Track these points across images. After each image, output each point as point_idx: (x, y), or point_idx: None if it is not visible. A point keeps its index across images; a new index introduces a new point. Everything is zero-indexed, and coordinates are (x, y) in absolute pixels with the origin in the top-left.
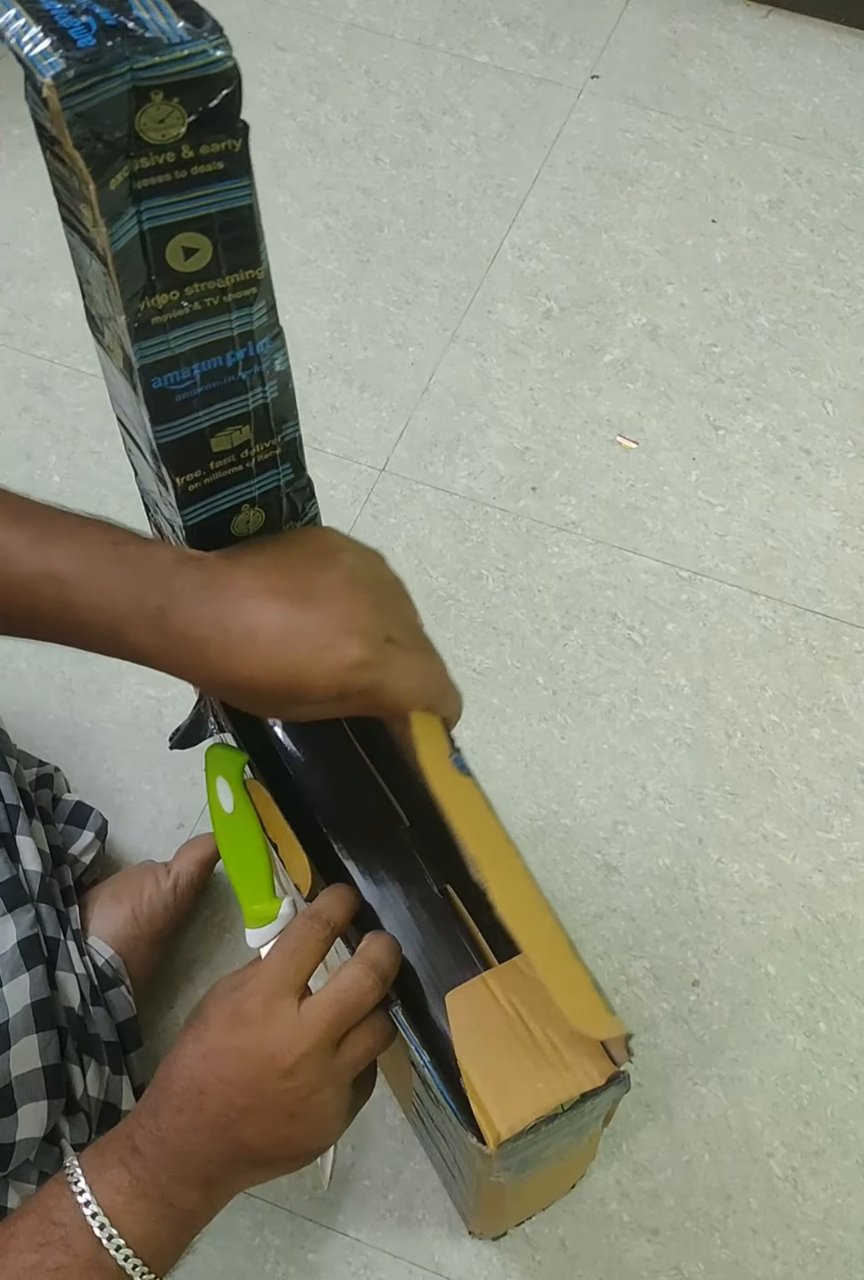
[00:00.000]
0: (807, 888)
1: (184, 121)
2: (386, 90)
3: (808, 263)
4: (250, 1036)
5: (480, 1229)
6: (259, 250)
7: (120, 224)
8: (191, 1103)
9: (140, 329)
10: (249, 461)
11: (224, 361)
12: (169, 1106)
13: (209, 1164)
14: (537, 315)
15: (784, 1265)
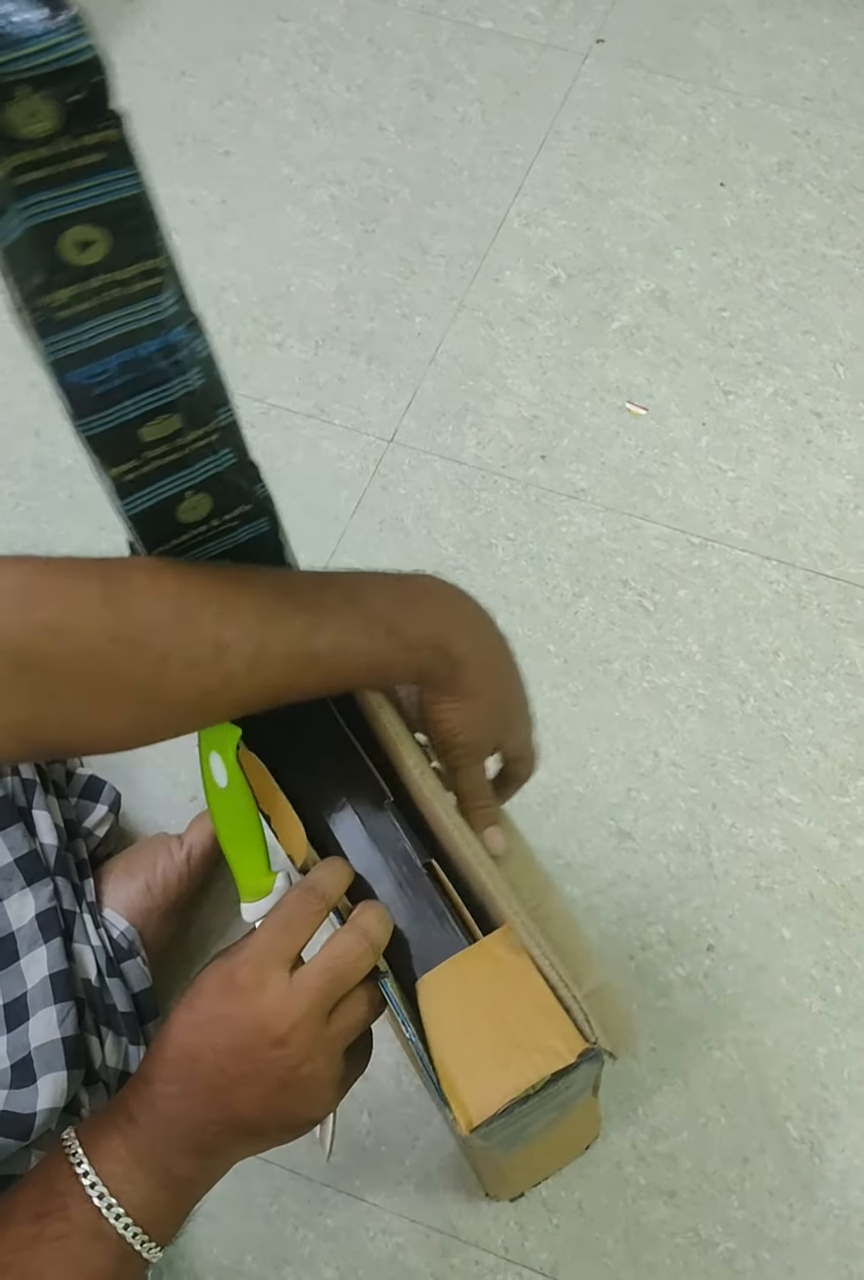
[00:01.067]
0: (821, 852)
1: (55, 114)
2: (390, 59)
3: (818, 224)
4: (242, 1005)
5: (495, 1191)
6: (156, 239)
7: (6, 220)
8: (184, 1070)
9: (45, 325)
10: (184, 449)
11: (138, 353)
12: (162, 1074)
13: (203, 1132)
14: (544, 283)
15: (802, 1227)
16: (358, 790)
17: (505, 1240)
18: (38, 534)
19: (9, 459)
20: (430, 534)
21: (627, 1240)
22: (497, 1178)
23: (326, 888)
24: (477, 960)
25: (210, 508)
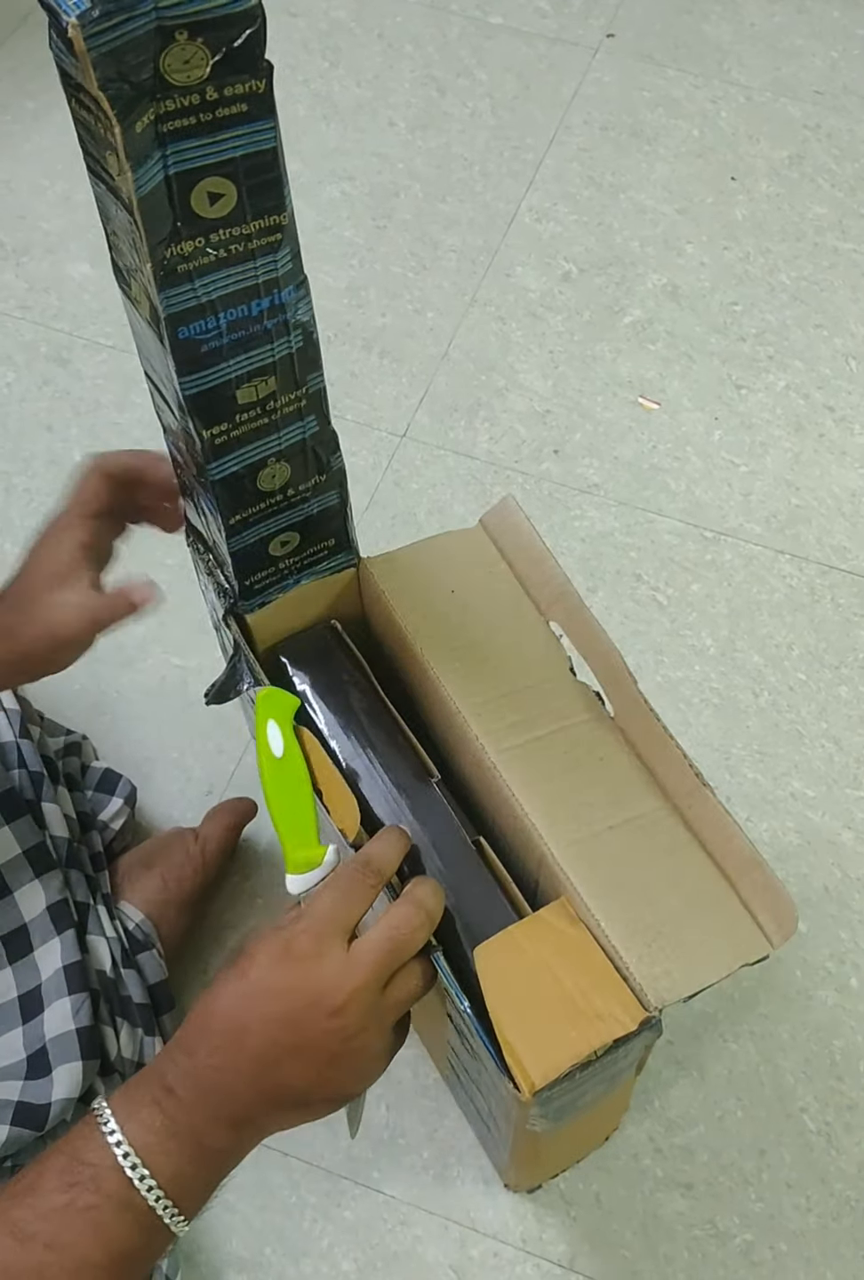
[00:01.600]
0: (836, 845)
1: (208, 62)
2: (400, 54)
3: (829, 218)
4: (299, 974)
5: (516, 1181)
6: (284, 195)
7: (145, 168)
8: (233, 1041)
9: (166, 277)
10: (275, 413)
11: (249, 310)
12: (207, 1045)
13: (246, 1105)
14: (555, 278)
15: (819, 1218)
16: (406, 767)
17: (523, 1232)
18: None
19: (22, 455)
20: (443, 529)
21: (644, 1232)
22: (527, 1161)
23: (383, 862)
24: (533, 930)
25: (288, 477)
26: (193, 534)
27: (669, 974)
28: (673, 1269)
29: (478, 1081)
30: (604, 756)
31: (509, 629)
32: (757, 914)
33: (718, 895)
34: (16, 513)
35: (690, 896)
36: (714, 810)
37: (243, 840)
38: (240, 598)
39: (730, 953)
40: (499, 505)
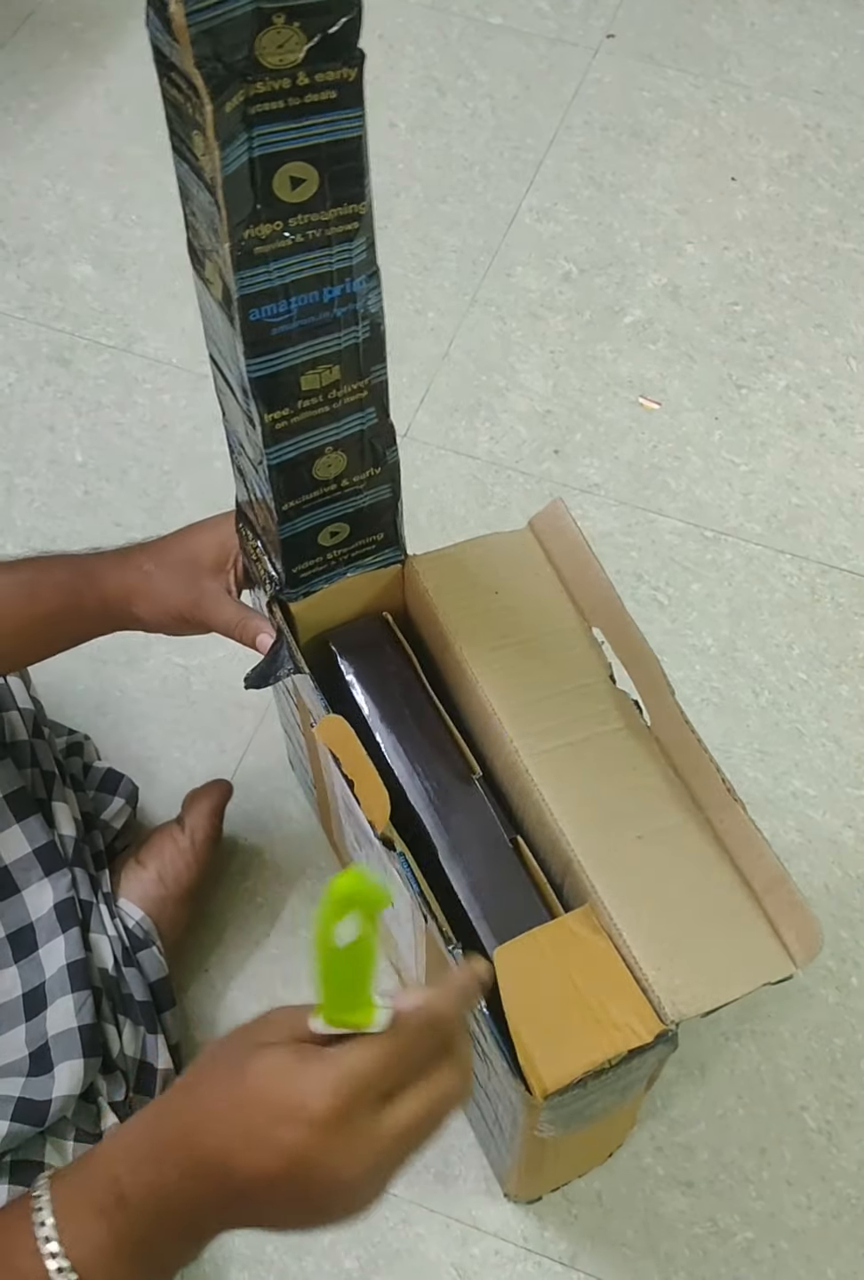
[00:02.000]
0: (837, 844)
1: (303, 46)
2: (400, 54)
3: (829, 218)
4: (313, 1142)
5: (516, 1191)
6: (364, 185)
7: (232, 149)
8: (214, 1176)
9: (242, 258)
10: (336, 402)
11: (320, 297)
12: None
13: (212, 1226)
14: (556, 278)
15: (819, 1216)
16: (447, 762)
17: (525, 1230)
18: (54, 530)
19: (24, 455)
20: (444, 529)
21: (645, 1230)
22: (530, 1170)
23: (452, 1025)
24: (555, 936)
25: (343, 467)
26: (242, 519)
27: (689, 987)
28: (674, 1267)
29: (486, 1086)
30: (637, 766)
31: (551, 633)
32: (782, 932)
33: (743, 911)
34: (18, 513)
35: (715, 911)
36: (743, 825)
37: (241, 840)
38: (286, 585)
39: (753, 970)
40: (548, 508)
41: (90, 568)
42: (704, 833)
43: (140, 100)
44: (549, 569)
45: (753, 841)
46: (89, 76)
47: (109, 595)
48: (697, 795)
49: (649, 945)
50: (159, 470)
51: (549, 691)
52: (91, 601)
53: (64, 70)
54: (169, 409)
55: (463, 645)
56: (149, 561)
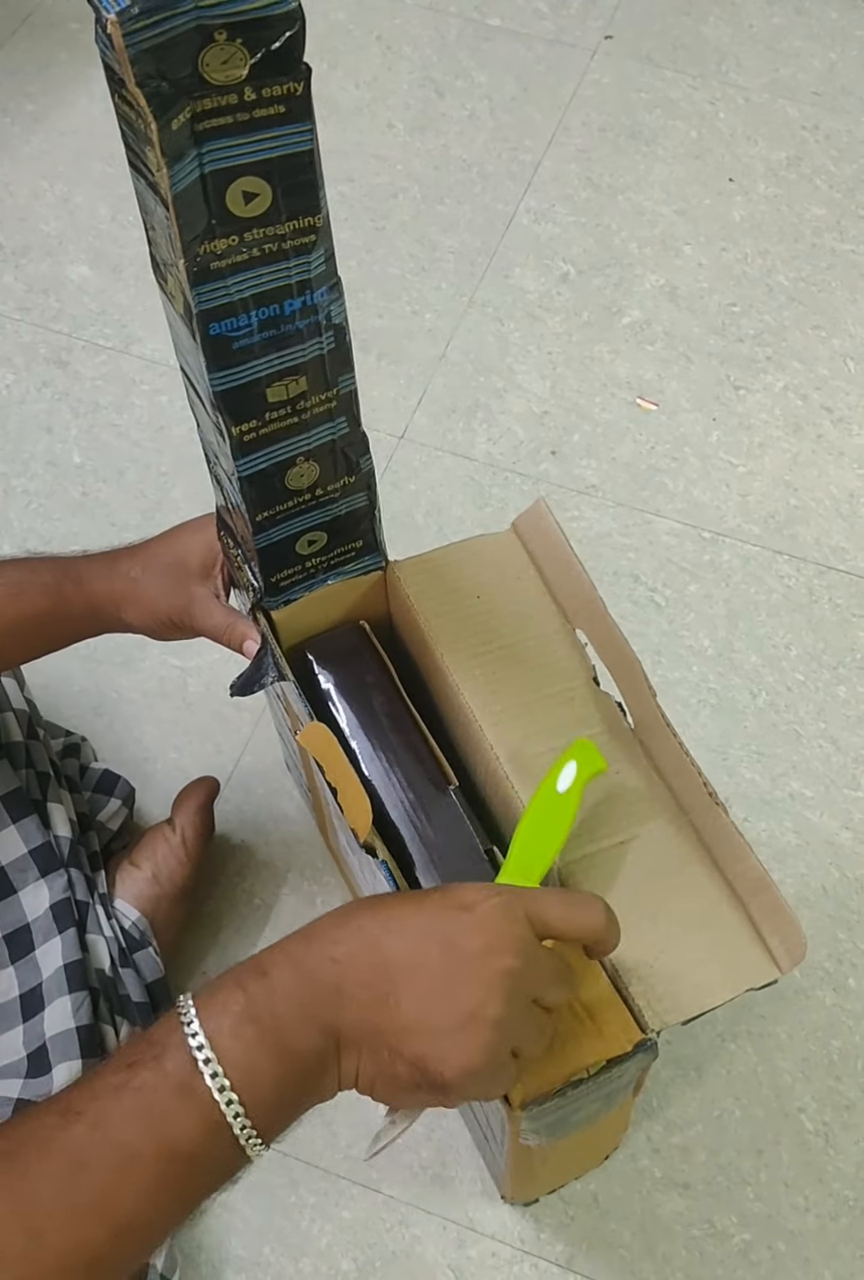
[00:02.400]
0: (834, 845)
1: (247, 62)
2: (399, 56)
3: (827, 219)
4: (471, 920)
5: (512, 1195)
6: (319, 197)
7: (181, 165)
8: (367, 944)
9: (199, 274)
10: (305, 413)
11: (281, 310)
12: (327, 938)
13: (344, 1009)
14: (554, 279)
15: (817, 1218)
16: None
17: (521, 1232)
18: (50, 531)
19: (22, 456)
20: (441, 530)
21: (642, 1232)
22: (522, 1175)
23: (611, 936)
24: None
25: (316, 476)
26: (223, 528)
27: (671, 995)
28: (671, 1269)
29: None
30: (620, 770)
31: (533, 636)
32: (766, 937)
33: (726, 916)
34: (15, 514)
35: (697, 916)
36: (726, 829)
37: (239, 840)
38: (266, 594)
39: (736, 976)
40: (531, 509)
41: (78, 571)
42: (687, 836)
43: None
44: (532, 571)
45: (736, 845)
46: (87, 78)
47: (96, 600)
48: (679, 798)
49: (630, 953)
50: (156, 471)
51: (531, 697)
52: (79, 605)
53: (62, 71)
54: (166, 410)
55: (444, 652)
56: (136, 566)
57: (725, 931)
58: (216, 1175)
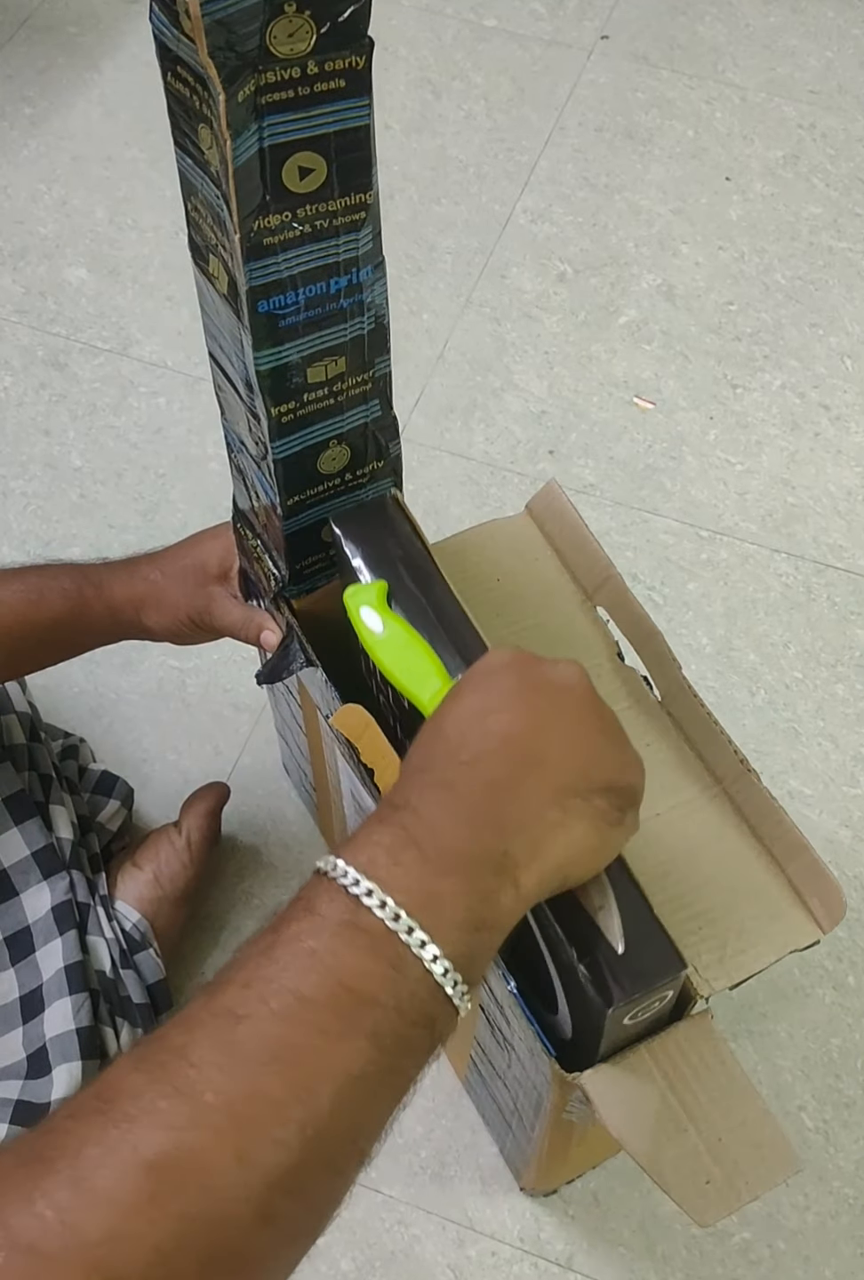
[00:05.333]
0: (833, 843)
1: (313, 35)
2: (395, 57)
3: (824, 218)
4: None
5: (534, 1183)
6: (372, 174)
7: (242, 139)
8: (476, 727)
9: (252, 249)
10: (341, 395)
11: (327, 288)
12: (435, 759)
13: (502, 794)
14: (551, 279)
15: (817, 1216)
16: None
17: (521, 1231)
18: (49, 533)
19: (19, 459)
20: (440, 530)
21: (642, 1230)
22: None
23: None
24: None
25: (347, 460)
26: (241, 519)
27: (720, 962)
28: (671, 1267)
29: (505, 1075)
30: (651, 742)
31: (555, 616)
32: (806, 899)
33: (765, 881)
34: (13, 517)
35: (739, 882)
36: (760, 795)
37: (238, 841)
38: (289, 582)
39: (780, 938)
40: (544, 491)
41: (97, 577)
42: (722, 804)
43: (136, 104)
44: (549, 551)
45: (771, 809)
46: (85, 81)
47: (117, 604)
48: (712, 767)
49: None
50: (154, 474)
51: None
52: (98, 610)
53: (59, 75)
54: (164, 412)
55: None
56: (155, 570)
57: (766, 896)
58: (418, 1029)
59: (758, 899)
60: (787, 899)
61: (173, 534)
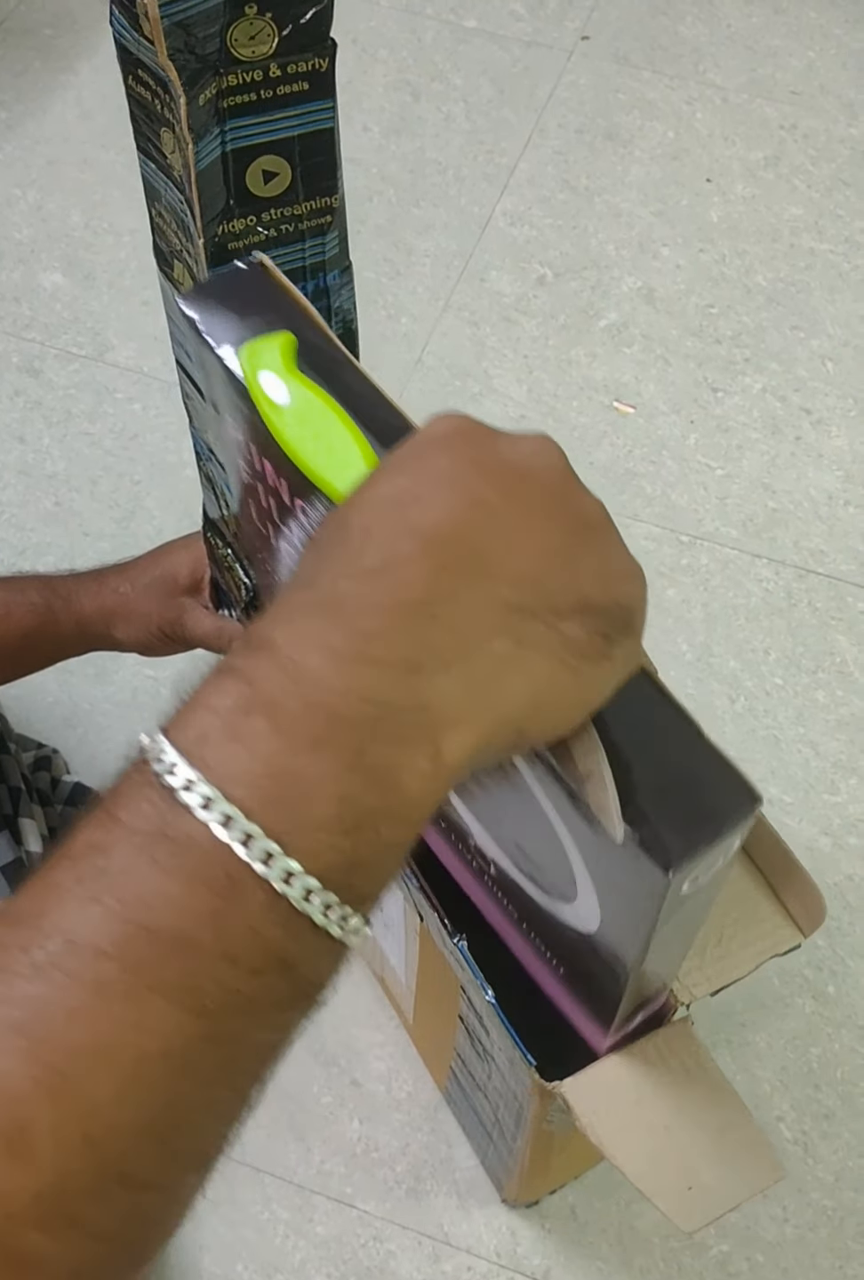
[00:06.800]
0: (813, 851)
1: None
2: (374, 59)
3: (805, 219)
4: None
5: (516, 1194)
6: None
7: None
8: (387, 523)
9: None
10: None
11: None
12: (340, 556)
13: (411, 613)
14: (530, 282)
15: (796, 1229)
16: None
17: (497, 1245)
18: (23, 541)
19: None
20: None
21: (620, 1244)
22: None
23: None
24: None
25: None
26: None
27: (699, 968)
28: None
29: (485, 1087)
30: None
31: None
32: (786, 902)
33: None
34: None
35: None
36: None
37: None
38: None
39: (760, 943)
40: None
41: (65, 590)
42: None
43: (112, 107)
44: None
45: None
46: (61, 84)
47: (85, 618)
48: None
49: None
50: (130, 480)
51: None
52: (67, 624)
53: (35, 78)
54: (139, 418)
55: None
56: (125, 583)
57: (746, 900)
58: (263, 978)
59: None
60: (766, 903)
61: (148, 541)
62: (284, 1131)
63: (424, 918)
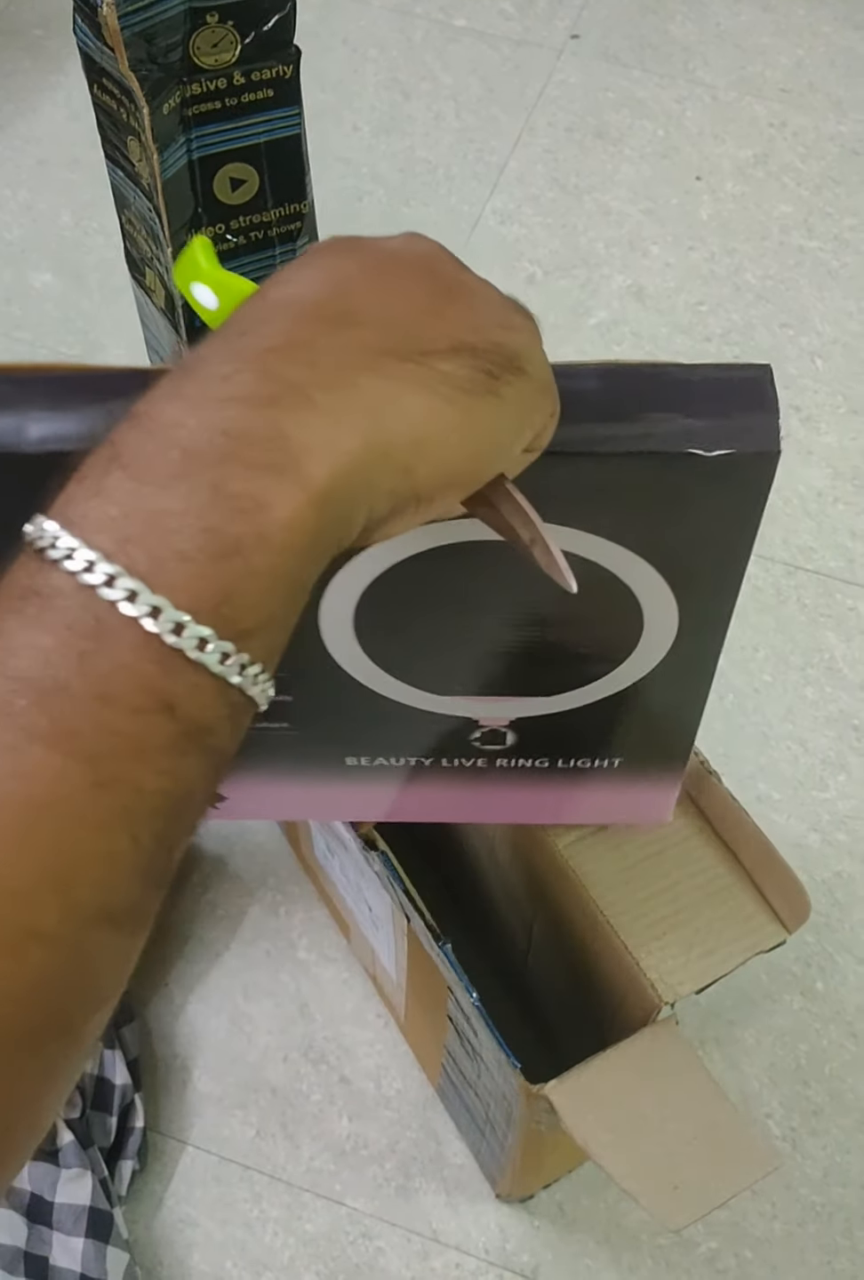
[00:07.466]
0: (802, 848)
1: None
2: (364, 58)
3: (795, 217)
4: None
5: (509, 1190)
6: (305, 183)
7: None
8: (255, 304)
9: None
10: None
11: None
12: (209, 341)
13: (271, 355)
14: (520, 281)
15: (784, 1225)
16: None
17: (486, 1243)
18: None
19: None
20: None
21: (608, 1241)
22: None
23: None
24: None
25: None
26: None
27: (685, 966)
28: (637, 1278)
29: (476, 1085)
30: None
31: None
32: (770, 899)
33: (730, 883)
34: None
35: (701, 884)
36: (721, 796)
37: (203, 852)
38: None
39: (745, 940)
40: None
41: None
42: (684, 807)
43: None
44: None
45: (732, 810)
46: (51, 85)
47: None
48: None
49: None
50: None
51: None
52: None
53: (25, 79)
54: None
55: None
56: None
57: (730, 898)
58: (144, 717)
59: (721, 901)
60: (751, 901)
61: None
62: (273, 1129)
63: (410, 920)
